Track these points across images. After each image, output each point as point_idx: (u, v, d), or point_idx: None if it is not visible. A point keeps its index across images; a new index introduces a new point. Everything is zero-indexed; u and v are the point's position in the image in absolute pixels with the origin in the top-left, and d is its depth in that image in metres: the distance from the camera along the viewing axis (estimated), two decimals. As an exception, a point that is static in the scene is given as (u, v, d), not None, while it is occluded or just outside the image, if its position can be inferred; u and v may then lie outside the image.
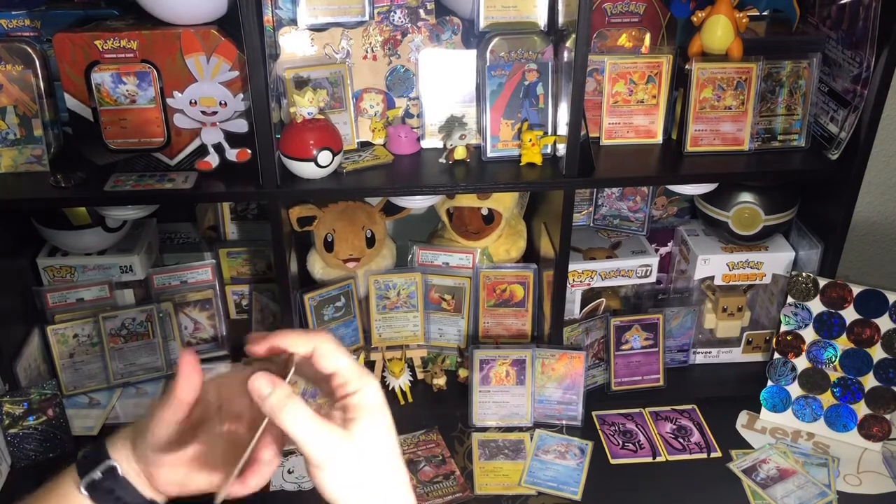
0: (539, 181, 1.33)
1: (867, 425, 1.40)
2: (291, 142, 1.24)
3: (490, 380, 1.44)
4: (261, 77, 1.16)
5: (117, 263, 1.48)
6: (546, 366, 1.44)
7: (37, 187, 1.27)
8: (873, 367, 1.39)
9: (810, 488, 1.31)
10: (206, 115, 1.27)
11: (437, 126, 1.38)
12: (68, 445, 1.37)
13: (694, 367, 1.59)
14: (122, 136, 1.27)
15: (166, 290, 1.53)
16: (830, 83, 1.37)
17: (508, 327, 1.55)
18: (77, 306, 1.48)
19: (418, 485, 1.31)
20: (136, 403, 1.48)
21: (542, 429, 1.44)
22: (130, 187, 1.25)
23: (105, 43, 1.21)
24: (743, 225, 1.47)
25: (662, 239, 1.64)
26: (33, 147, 1.30)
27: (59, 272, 1.48)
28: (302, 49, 1.33)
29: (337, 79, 1.34)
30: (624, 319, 1.51)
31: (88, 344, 1.48)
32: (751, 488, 1.31)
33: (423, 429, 1.44)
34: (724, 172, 1.37)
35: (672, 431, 1.43)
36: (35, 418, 1.35)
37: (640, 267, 1.51)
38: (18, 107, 1.28)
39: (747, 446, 1.40)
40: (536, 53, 1.32)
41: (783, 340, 1.44)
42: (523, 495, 1.30)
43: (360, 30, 1.34)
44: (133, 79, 1.23)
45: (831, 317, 1.40)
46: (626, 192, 1.53)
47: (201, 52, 1.22)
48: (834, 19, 1.34)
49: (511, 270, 1.53)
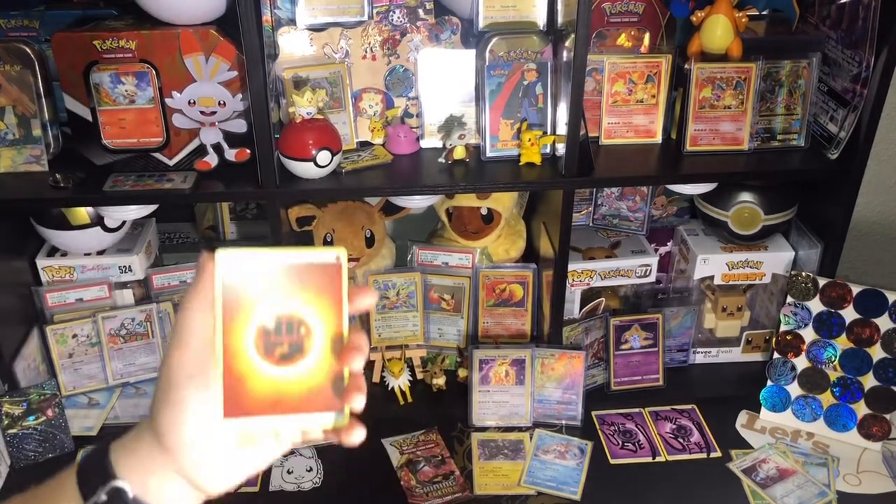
0: (538, 181, 1.32)
1: (867, 425, 1.40)
2: (290, 142, 1.24)
3: (489, 380, 1.44)
4: (260, 77, 1.16)
5: (116, 263, 1.48)
6: (545, 365, 1.44)
7: (36, 187, 1.27)
8: (873, 366, 1.39)
9: (810, 488, 1.31)
10: (205, 115, 1.27)
11: (436, 126, 1.38)
12: (68, 446, 1.37)
13: (693, 367, 1.59)
14: (120, 136, 1.27)
15: (165, 290, 1.53)
16: (830, 83, 1.37)
17: (508, 327, 1.55)
18: (76, 306, 1.48)
19: (418, 485, 1.31)
20: (136, 404, 1.48)
21: (542, 429, 1.44)
22: (129, 187, 1.25)
23: (104, 43, 1.21)
24: (742, 224, 1.47)
25: (662, 239, 1.64)
26: (32, 147, 1.30)
27: (58, 272, 1.47)
28: (301, 49, 1.33)
29: (336, 79, 1.33)
30: (623, 319, 1.51)
31: (88, 344, 1.48)
32: (750, 488, 1.31)
33: (423, 429, 1.43)
34: (724, 172, 1.37)
35: (672, 431, 1.43)
36: (34, 418, 1.35)
37: (640, 267, 1.51)
38: (17, 107, 1.28)
39: (747, 446, 1.40)
40: (535, 53, 1.32)
41: (783, 340, 1.43)
42: (523, 495, 1.30)
43: (359, 30, 1.33)
44: (132, 79, 1.23)
45: (831, 316, 1.40)
46: (625, 191, 1.53)
47: (200, 52, 1.22)
48: (833, 19, 1.34)
49: (510, 270, 1.53)
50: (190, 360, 0.52)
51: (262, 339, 0.53)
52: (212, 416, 0.52)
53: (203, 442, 0.53)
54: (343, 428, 0.54)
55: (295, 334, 0.53)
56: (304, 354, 0.53)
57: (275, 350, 0.53)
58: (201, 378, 0.52)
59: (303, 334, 0.53)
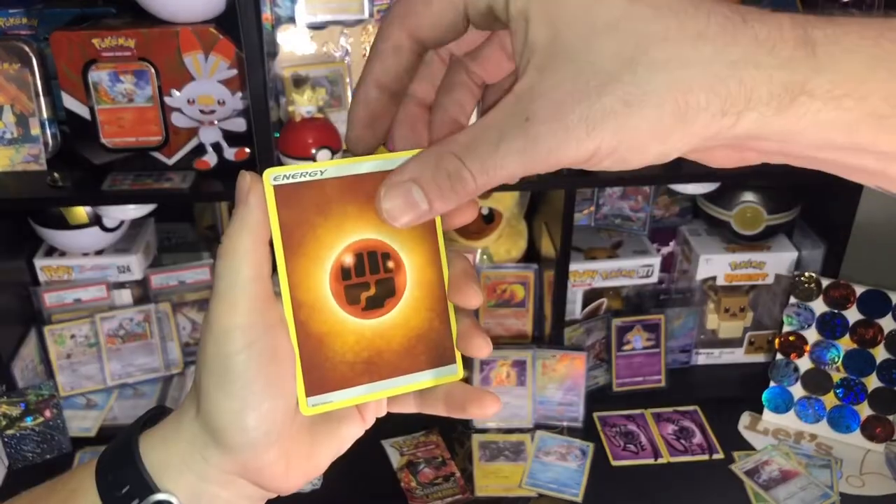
0: (540, 180, 1.32)
1: (870, 426, 1.39)
2: (290, 141, 1.23)
3: (490, 381, 1.43)
4: (259, 75, 1.15)
5: (115, 263, 1.47)
6: (547, 367, 1.43)
7: (34, 186, 1.26)
8: (876, 367, 1.38)
9: (813, 490, 1.30)
10: (205, 114, 1.26)
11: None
12: (66, 447, 1.36)
13: (696, 368, 1.58)
14: (119, 134, 1.26)
15: (164, 290, 1.52)
16: (833, 82, 1.36)
17: (509, 328, 1.54)
18: (74, 306, 1.47)
19: (418, 486, 1.30)
20: (134, 405, 1.47)
21: (543, 430, 1.43)
22: (128, 186, 1.24)
23: (102, 41, 1.20)
24: (745, 224, 1.46)
25: (664, 239, 1.63)
26: (30, 146, 1.29)
27: (56, 272, 1.47)
28: (301, 47, 1.32)
29: (336, 77, 1.33)
30: (625, 320, 1.50)
31: (86, 344, 1.47)
32: (753, 490, 1.30)
33: (423, 430, 1.43)
34: (727, 172, 1.36)
35: (674, 433, 1.42)
36: (32, 419, 1.34)
37: (642, 267, 1.50)
38: (15, 105, 1.27)
39: (749, 448, 1.39)
40: (537, 52, 1.31)
41: (786, 341, 1.43)
42: (524, 497, 1.30)
43: (360, 28, 1.33)
44: (130, 77, 1.22)
45: (834, 317, 1.39)
46: (627, 191, 1.52)
47: (199, 51, 1.21)
48: (837, 17, 1.33)
49: (512, 270, 1.52)
50: (245, 323, 0.38)
51: (340, 282, 0.41)
52: (287, 395, 0.40)
53: (278, 432, 0.40)
54: (456, 382, 0.43)
55: (382, 270, 0.41)
56: (396, 296, 0.42)
57: (360, 295, 0.41)
58: (263, 345, 0.39)
59: (392, 269, 0.42)
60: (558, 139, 0.32)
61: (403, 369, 0.42)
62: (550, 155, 0.32)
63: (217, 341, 0.39)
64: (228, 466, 0.40)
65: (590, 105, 0.31)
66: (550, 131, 0.32)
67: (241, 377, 0.38)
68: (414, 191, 0.36)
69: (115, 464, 0.41)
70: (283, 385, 0.40)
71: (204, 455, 0.40)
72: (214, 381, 0.39)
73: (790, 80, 0.31)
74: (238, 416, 0.39)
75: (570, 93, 0.32)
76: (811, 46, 0.31)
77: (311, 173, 0.40)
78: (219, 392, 0.39)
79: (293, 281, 0.40)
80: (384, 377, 0.42)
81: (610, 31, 0.32)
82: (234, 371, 0.38)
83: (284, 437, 0.40)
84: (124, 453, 0.41)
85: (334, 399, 0.41)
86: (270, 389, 0.39)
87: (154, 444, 0.41)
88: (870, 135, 0.31)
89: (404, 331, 0.42)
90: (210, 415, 0.39)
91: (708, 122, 0.31)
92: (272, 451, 0.40)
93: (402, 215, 0.37)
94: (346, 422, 0.44)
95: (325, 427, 0.43)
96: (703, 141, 0.32)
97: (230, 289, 0.39)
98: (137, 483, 0.40)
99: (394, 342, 0.42)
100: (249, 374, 0.38)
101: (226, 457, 0.40)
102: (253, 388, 0.39)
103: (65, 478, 0.43)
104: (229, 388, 0.38)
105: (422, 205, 0.36)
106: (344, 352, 0.41)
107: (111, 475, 0.41)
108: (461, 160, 0.35)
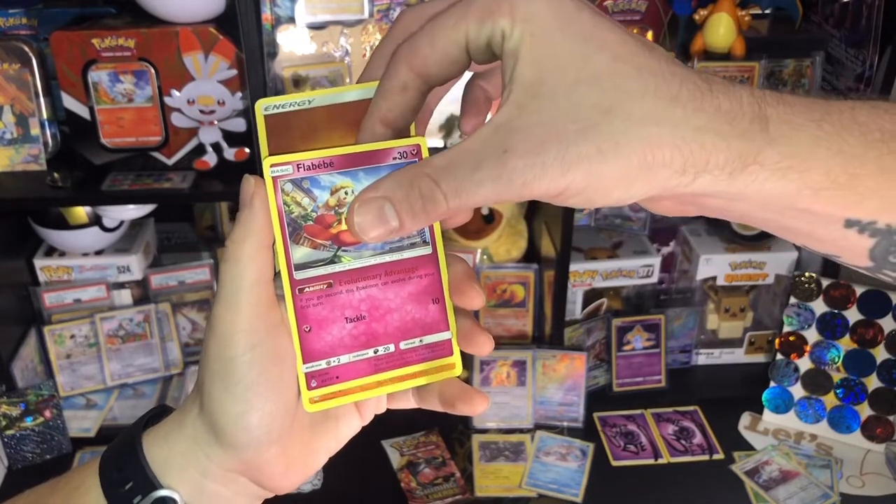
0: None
1: (870, 427, 1.39)
2: (290, 141, 1.23)
3: (490, 381, 1.43)
4: (259, 75, 1.15)
5: (115, 263, 1.47)
6: (547, 367, 1.43)
7: (34, 186, 1.26)
8: (877, 367, 1.38)
9: (813, 490, 1.30)
10: (204, 114, 1.26)
11: (437, 125, 1.37)
12: (66, 447, 1.36)
13: (696, 368, 1.58)
14: (119, 135, 1.26)
15: (164, 290, 1.52)
16: (833, 82, 1.36)
17: (509, 328, 1.54)
18: (74, 306, 1.47)
19: (418, 487, 1.30)
20: (134, 405, 1.47)
21: (543, 430, 1.43)
22: (128, 187, 1.24)
23: (102, 41, 1.20)
24: (745, 225, 1.46)
25: (664, 239, 1.63)
26: (30, 146, 1.29)
27: (55, 272, 1.46)
28: (301, 47, 1.32)
29: (336, 77, 1.33)
30: (626, 320, 1.50)
31: (86, 345, 1.47)
32: (753, 490, 1.30)
33: (423, 430, 1.42)
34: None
35: (674, 433, 1.42)
36: (32, 419, 1.34)
37: (642, 267, 1.50)
38: (15, 106, 1.27)
39: (750, 448, 1.39)
40: (537, 52, 1.31)
41: (786, 341, 1.43)
42: (524, 497, 1.29)
43: (360, 28, 1.33)
44: (130, 77, 1.22)
45: (834, 317, 1.39)
46: (627, 191, 1.52)
47: (199, 51, 1.21)
48: (837, 17, 1.33)
49: (512, 270, 1.52)
50: (248, 327, 0.40)
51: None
52: (288, 393, 0.41)
53: (279, 430, 0.41)
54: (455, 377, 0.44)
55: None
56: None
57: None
58: (266, 347, 0.40)
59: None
60: (535, 174, 0.34)
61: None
62: (524, 187, 0.35)
63: (220, 344, 0.40)
64: (230, 464, 0.41)
65: (567, 147, 0.34)
66: (527, 166, 0.34)
67: (244, 379, 0.40)
68: (386, 208, 0.37)
69: (118, 461, 0.42)
70: (285, 384, 0.41)
71: (206, 453, 0.41)
72: (218, 383, 0.40)
73: (745, 150, 0.34)
74: (241, 417, 0.40)
75: (549, 132, 0.34)
76: (765, 122, 0.35)
77: (300, 102, 0.42)
78: (222, 393, 0.40)
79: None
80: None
81: (593, 83, 0.34)
82: (238, 373, 0.40)
83: (285, 435, 0.41)
84: (127, 450, 0.42)
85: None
86: (273, 389, 0.40)
87: (157, 442, 0.42)
88: (806, 202, 0.36)
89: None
90: (213, 415, 0.41)
91: (669, 176, 0.34)
92: (273, 450, 0.41)
93: (371, 230, 0.38)
94: (345, 419, 0.45)
95: (325, 425, 0.44)
96: (661, 192, 0.35)
97: (234, 294, 0.40)
98: (140, 479, 0.41)
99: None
100: (252, 376, 0.40)
101: (228, 455, 0.41)
102: (256, 390, 0.40)
103: (68, 475, 0.44)
104: (233, 390, 0.40)
105: (392, 222, 0.37)
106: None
107: (114, 472, 0.42)
108: (435, 182, 0.36)
